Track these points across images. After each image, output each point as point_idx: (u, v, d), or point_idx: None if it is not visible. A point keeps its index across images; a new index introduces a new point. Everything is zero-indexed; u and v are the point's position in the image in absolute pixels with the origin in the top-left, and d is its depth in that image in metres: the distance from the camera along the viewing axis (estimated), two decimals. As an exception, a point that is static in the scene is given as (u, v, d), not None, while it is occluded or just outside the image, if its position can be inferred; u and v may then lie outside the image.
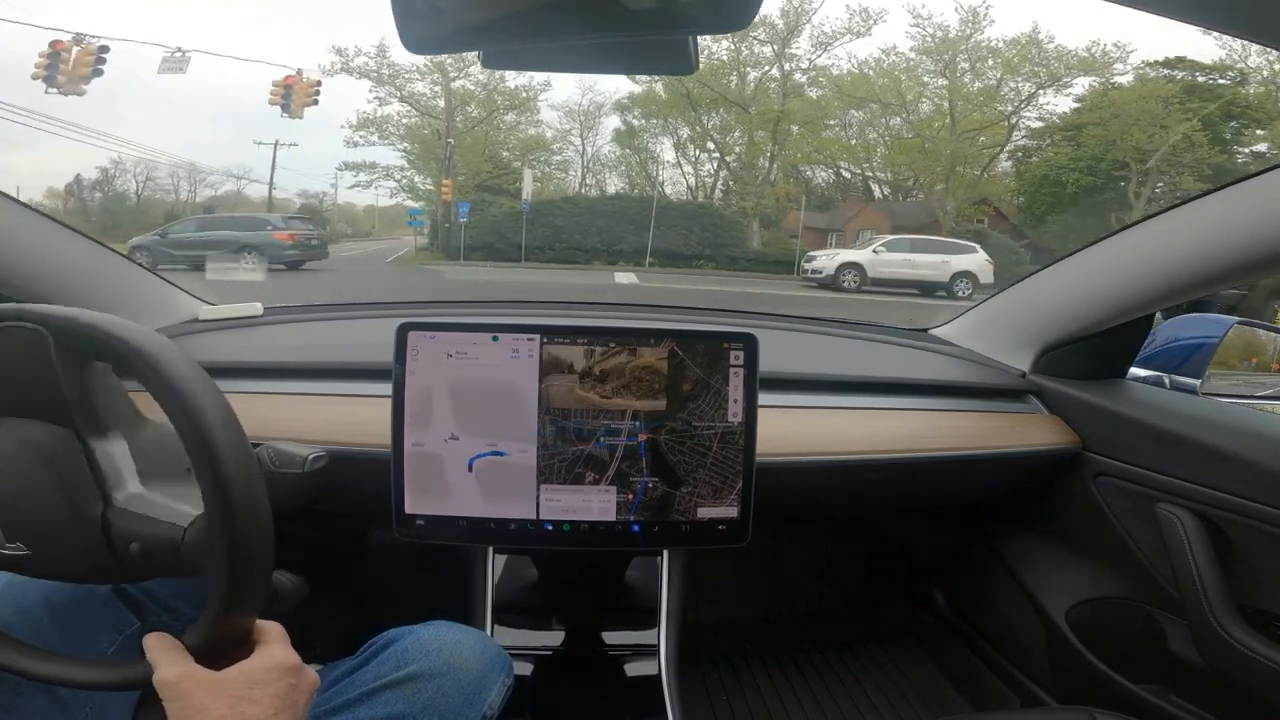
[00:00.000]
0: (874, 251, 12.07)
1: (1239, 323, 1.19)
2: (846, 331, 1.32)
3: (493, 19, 0.37)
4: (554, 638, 0.88)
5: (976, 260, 12.15)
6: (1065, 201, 18.38)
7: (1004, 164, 19.25)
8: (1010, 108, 17.40)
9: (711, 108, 17.73)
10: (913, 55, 17.04)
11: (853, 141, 18.88)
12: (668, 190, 18.75)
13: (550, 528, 0.78)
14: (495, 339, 0.76)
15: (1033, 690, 1.11)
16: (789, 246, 15.66)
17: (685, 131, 18.25)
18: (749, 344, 0.79)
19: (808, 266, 12.33)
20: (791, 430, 0.92)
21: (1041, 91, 17.57)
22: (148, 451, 0.53)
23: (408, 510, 0.77)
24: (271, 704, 0.45)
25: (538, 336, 0.77)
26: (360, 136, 15.93)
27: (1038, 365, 1.11)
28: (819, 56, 17.17)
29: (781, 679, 1.33)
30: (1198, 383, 1.06)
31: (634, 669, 0.84)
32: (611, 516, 0.78)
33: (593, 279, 11.70)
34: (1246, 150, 17.45)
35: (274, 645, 0.49)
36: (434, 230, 15.24)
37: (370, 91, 16.31)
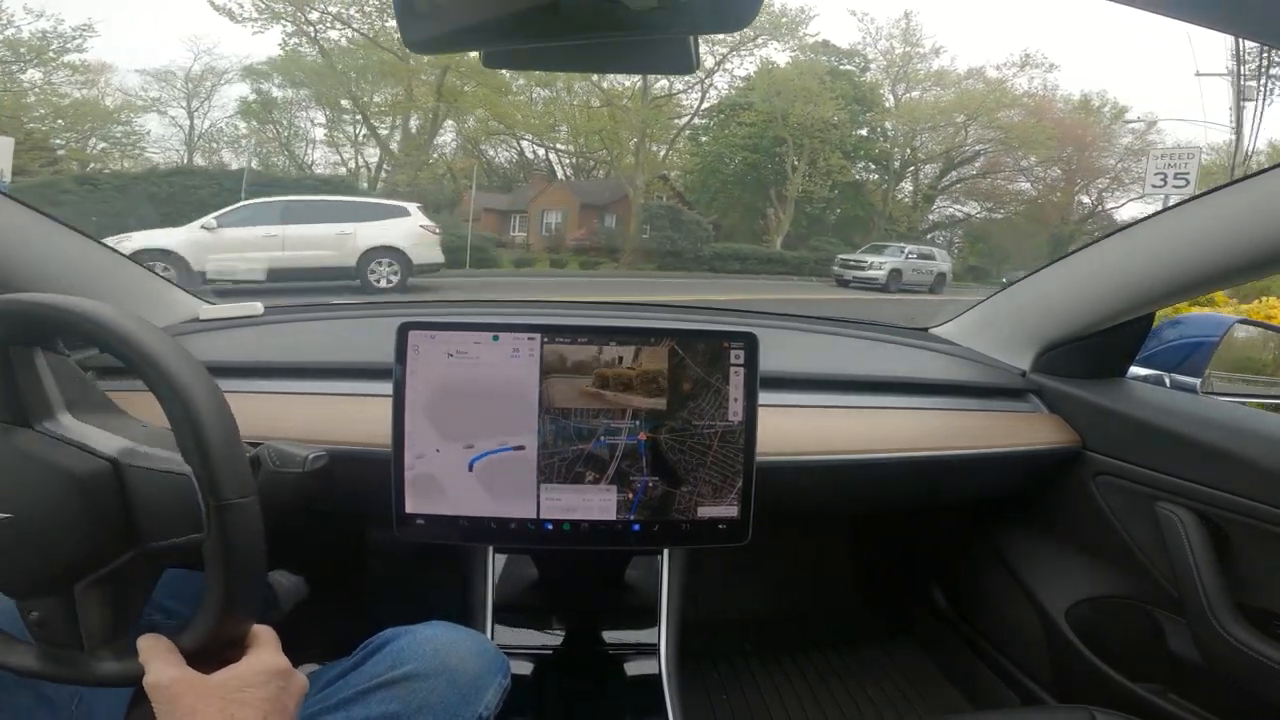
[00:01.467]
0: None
1: (1239, 322, 1.19)
2: (846, 331, 1.32)
3: (493, 19, 0.38)
4: (554, 637, 0.88)
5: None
6: (731, 180, 19.29)
7: (681, 144, 19.66)
8: (702, 73, 17.10)
9: (366, 75, 15.12)
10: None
11: (537, 108, 17.63)
12: (321, 172, 16.54)
13: (550, 527, 0.78)
14: (496, 338, 0.76)
15: (1032, 689, 1.11)
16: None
17: (347, 104, 15.58)
18: (749, 343, 0.79)
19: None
20: (792, 429, 0.92)
21: (734, 54, 17.82)
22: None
23: (408, 510, 0.77)
24: (261, 707, 0.45)
25: (538, 336, 0.77)
26: None
27: (1038, 364, 1.11)
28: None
29: (781, 678, 1.33)
30: (1198, 382, 1.07)
31: (634, 668, 0.84)
32: (612, 516, 0.78)
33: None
34: (863, 132, 20.06)
35: (264, 649, 0.49)
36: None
37: None
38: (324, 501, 0.79)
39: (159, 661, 0.46)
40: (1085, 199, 23.49)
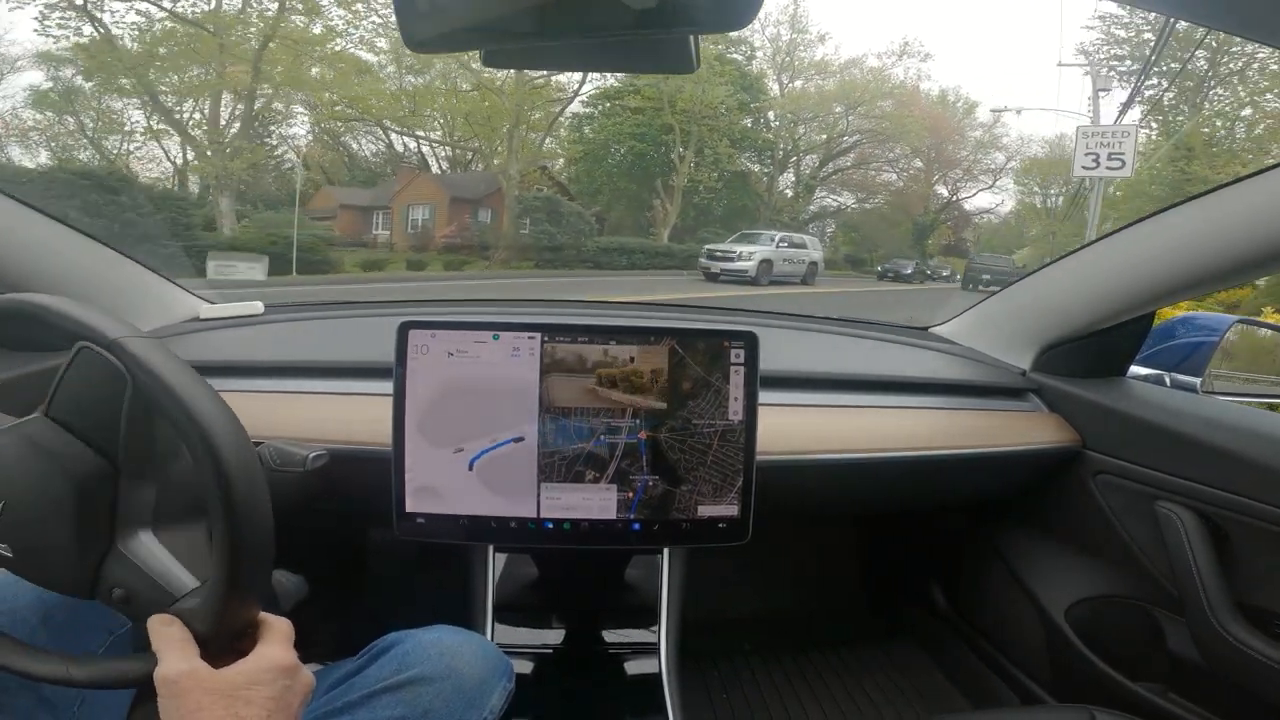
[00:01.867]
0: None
1: (1239, 321, 1.19)
2: (846, 330, 1.32)
3: (494, 18, 0.38)
4: (554, 636, 0.88)
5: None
6: (617, 171, 18.75)
7: (564, 132, 18.92)
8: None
9: (160, 53, 12.30)
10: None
11: (403, 93, 16.08)
12: (141, 169, 15.06)
13: (551, 526, 0.78)
14: (496, 337, 0.76)
15: (1032, 689, 1.11)
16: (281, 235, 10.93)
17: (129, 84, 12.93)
18: (749, 342, 0.79)
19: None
20: (792, 428, 0.92)
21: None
22: (171, 488, 0.52)
23: (408, 509, 0.77)
24: (266, 705, 0.44)
25: (538, 335, 0.77)
26: None
27: (1038, 363, 1.11)
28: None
29: (781, 677, 1.34)
30: (1198, 381, 1.06)
31: (634, 667, 0.84)
32: (612, 515, 0.78)
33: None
34: (748, 122, 20.23)
35: (273, 642, 0.48)
36: None
37: None
38: (325, 501, 0.79)
39: (174, 654, 0.45)
40: (942, 190, 25.19)
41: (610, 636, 0.88)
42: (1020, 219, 29.49)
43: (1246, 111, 16.82)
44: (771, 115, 21.23)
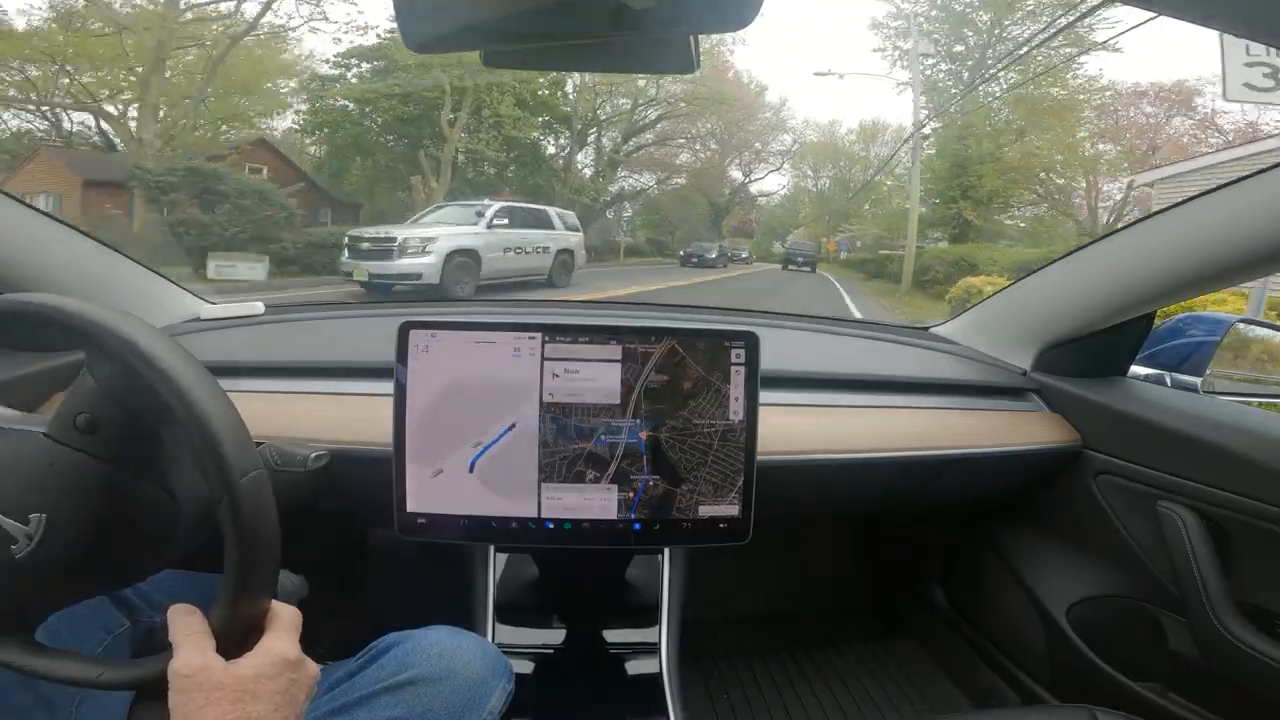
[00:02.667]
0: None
1: (1240, 321, 1.19)
2: (847, 330, 1.32)
3: (494, 18, 0.38)
4: (555, 636, 0.88)
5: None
6: (377, 145, 15.14)
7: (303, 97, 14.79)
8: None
9: None
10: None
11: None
12: None
13: (551, 526, 0.78)
14: (496, 337, 0.76)
15: (1033, 688, 1.11)
16: None
17: None
18: (750, 342, 0.79)
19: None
20: (792, 428, 0.92)
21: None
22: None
23: (409, 509, 0.77)
24: (273, 699, 0.45)
25: (539, 335, 0.77)
26: None
27: (1039, 363, 1.11)
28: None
29: (783, 677, 1.34)
30: (1199, 381, 1.06)
31: (635, 667, 0.84)
32: (612, 515, 0.78)
33: None
34: (545, 91, 16.73)
35: (279, 634, 0.49)
36: None
37: None
38: (325, 501, 0.79)
39: (190, 647, 0.45)
40: (736, 173, 25.36)
41: (611, 636, 0.88)
42: (794, 201, 30.66)
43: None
44: (570, 86, 17.84)
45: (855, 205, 26.64)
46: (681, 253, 19.00)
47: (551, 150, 18.94)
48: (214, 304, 1.13)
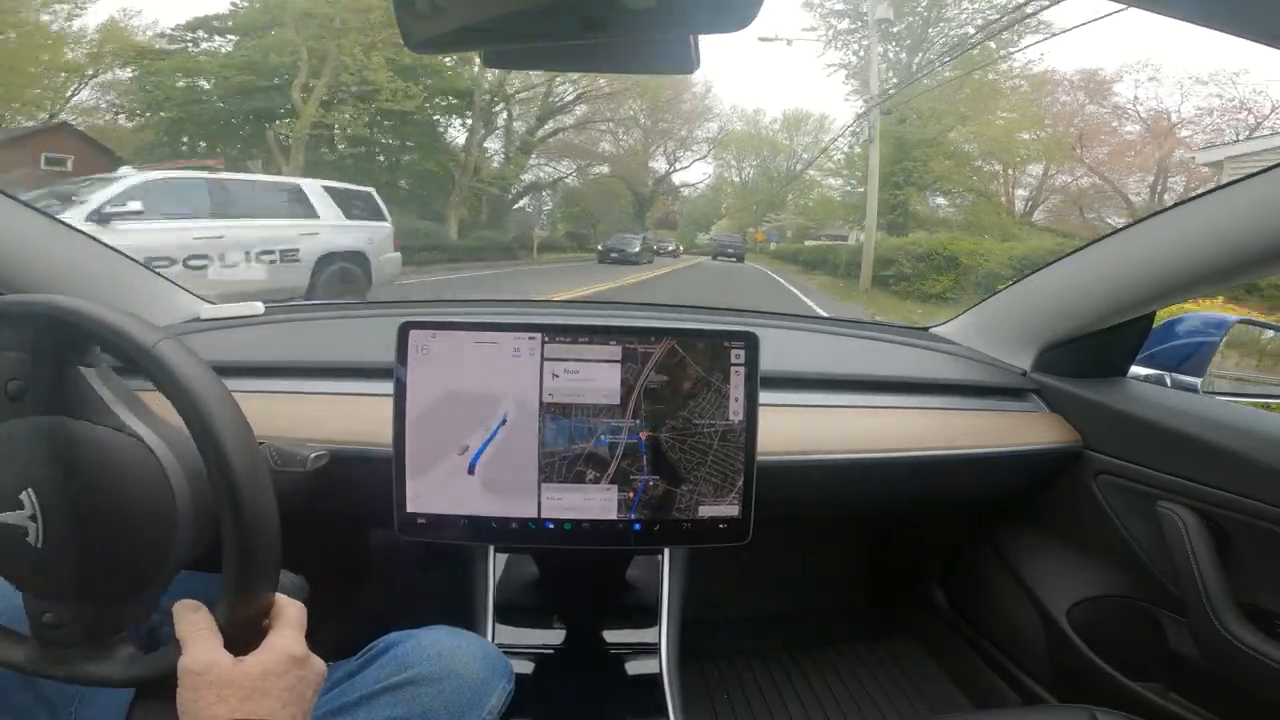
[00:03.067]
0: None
1: (1240, 321, 1.19)
2: (847, 330, 1.32)
3: (493, 19, 0.38)
4: (555, 636, 0.88)
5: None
6: (213, 124, 12.37)
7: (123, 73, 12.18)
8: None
9: None
10: None
11: None
12: None
13: (551, 526, 0.78)
14: (497, 338, 0.76)
15: (1033, 689, 1.11)
16: None
17: None
18: (750, 342, 0.79)
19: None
20: (792, 429, 0.92)
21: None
22: None
23: (409, 509, 0.77)
24: (281, 697, 0.45)
25: (539, 335, 0.77)
26: None
27: (1039, 363, 1.11)
28: None
29: (782, 677, 1.34)
30: (1199, 381, 1.06)
31: (635, 667, 0.84)
32: (612, 515, 0.78)
33: None
34: (449, 61, 13.04)
35: (285, 630, 0.49)
36: None
37: None
38: (325, 501, 0.79)
39: (199, 644, 0.45)
40: (660, 163, 23.84)
41: (611, 637, 0.88)
42: (718, 192, 29.59)
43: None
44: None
45: (781, 195, 26.12)
46: (600, 247, 16.98)
47: (460, 136, 15.43)
48: (213, 304, 1.13)
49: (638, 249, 16.45)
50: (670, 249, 22.04)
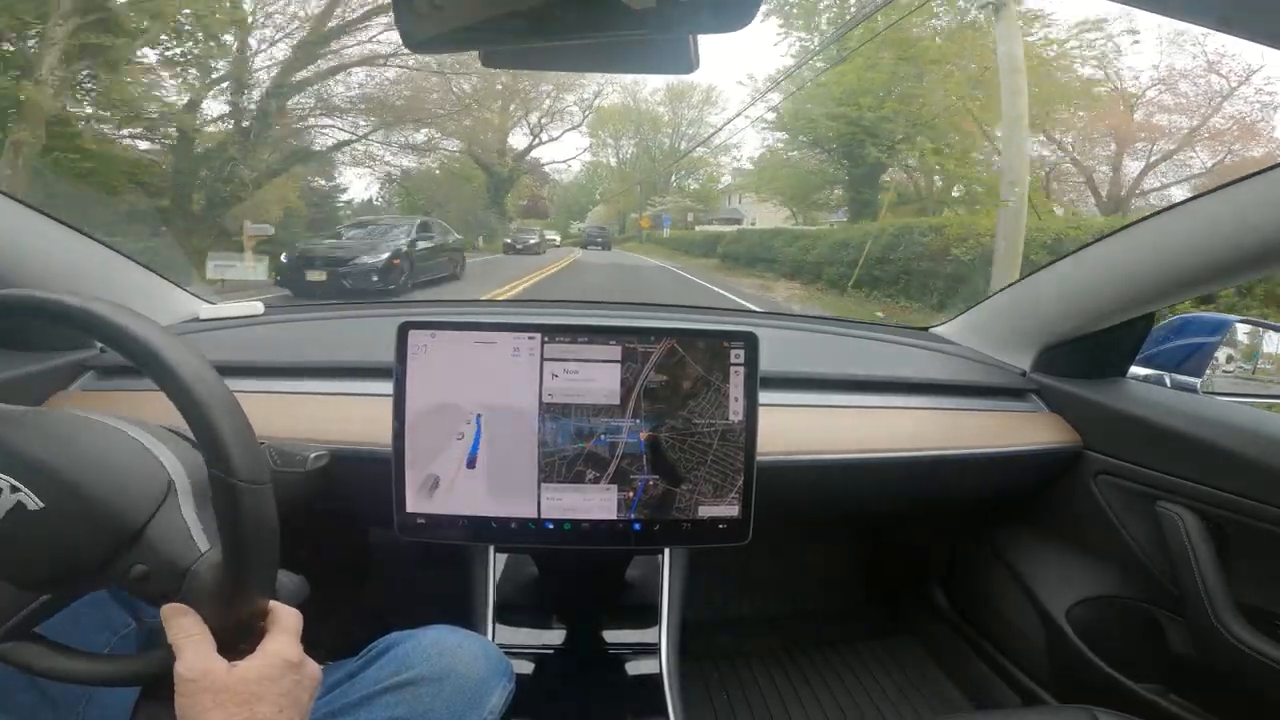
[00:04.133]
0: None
1: (1239, 322, 1.19)
2: (847, 330, 1.32)
3: (493, 18, 0.38)
4: (555, 636, 0.88)
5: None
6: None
7: None
8: None
9: None
10: None
11: None
12: None
13: (551, 526, 0.78)
14: (496, 338, 0.76)
15: (1033, 689, 1.11)
16: None
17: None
18: (749, 342, 0.79)
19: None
20: (792, 429, 0.92)
21: None
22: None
23: (409, 509, 0.77)
24: (278, 701, 0.45)
25: (538, 335, 0.77)
26: None
27: (1038, 364, 1.11)
28: None
29: (782, 677, 1.34)
30: (1198, 381, 1.06)
31: (635, 667, 0.84)
32: (612, 515, 0.78)
33: None
34: None
35: (280, 635, 0.49)
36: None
37: None
38: (325, 501, 0.79)
39: (191, 650, 0.45)
40: (515, 142, 19.59)
41: (611, 636, 0.88)
42: (592, 175, 26.89)
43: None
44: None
45: (665, 175, 23.78)
46: (506, 240, 16.04)
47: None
48: (213, 304, 1.13)
49: (535, 240, 17.83)
50: (532, 242, 17.57)
